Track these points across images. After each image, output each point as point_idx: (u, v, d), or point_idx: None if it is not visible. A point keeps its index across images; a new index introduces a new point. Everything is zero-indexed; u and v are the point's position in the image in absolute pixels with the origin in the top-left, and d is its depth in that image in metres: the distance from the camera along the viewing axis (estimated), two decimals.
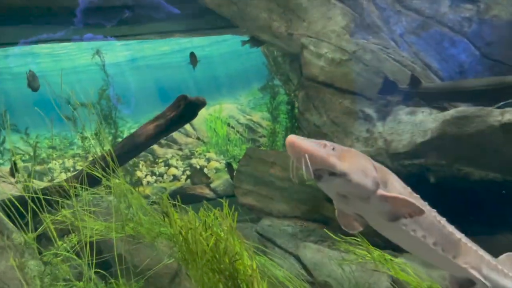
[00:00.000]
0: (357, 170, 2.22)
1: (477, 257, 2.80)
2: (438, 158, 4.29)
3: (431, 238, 2.54)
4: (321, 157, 2.16)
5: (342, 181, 2.20)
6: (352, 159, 2.26)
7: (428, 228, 2.53)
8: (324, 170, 2.19)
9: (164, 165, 9.63)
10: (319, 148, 2.20)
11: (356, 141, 4.93)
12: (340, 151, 2.25)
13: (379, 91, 5.00)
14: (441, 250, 2.60)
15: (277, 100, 8.61)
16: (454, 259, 2.67)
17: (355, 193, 2.28)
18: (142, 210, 4.11)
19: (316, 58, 5.42)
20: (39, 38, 7.35)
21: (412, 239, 2.50)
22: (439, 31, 5.78)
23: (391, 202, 2.30)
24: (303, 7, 5.70)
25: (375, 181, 2.27)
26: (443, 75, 5.68)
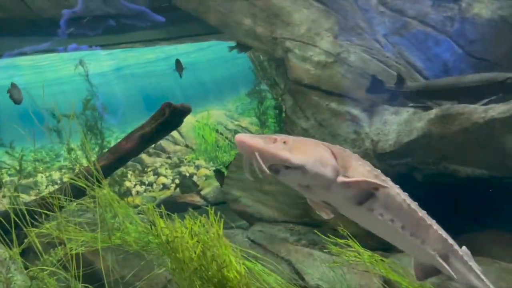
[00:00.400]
0: (313, 161, 2.18)
1: (447, 246, 2.77)
2: (425, 156, 4.31)
3: (399, 222, 2.50)
4: (272, 153, 2.12)
5: (299, 173, 2.17)
6: (307, 150, 2.22)
7: (396, 212, 2.49)
8: (279, 165, 2.16)
9: (153, 174, 9.55)
10: (269, 144, 2.15)
11: (344, 142, 4.93)
12: (292, 143, 2.20)
13: (366, 89, 5.01)
14: (410, 234, 2.56)
15: (264, 104, 8.60)
16: (423, 244, 2.63)
17: (315, 183, 2.25)
18: (129, 219, 4.05)
19: (302, 61, 5.43)
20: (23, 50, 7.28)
21: (380, 223, 2.46)
22: (422, 31, 5.83)
23: (354, 186, 2.28)
24: (287, 10, 5.70)
25: (334, 169, 2.24)
26: (427, 74, 5.72)
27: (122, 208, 3.98)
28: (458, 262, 2.85)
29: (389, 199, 2.47)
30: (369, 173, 2.42)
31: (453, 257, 2.82)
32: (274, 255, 5.06)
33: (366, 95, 5.05)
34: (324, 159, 2.22)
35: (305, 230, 5.33)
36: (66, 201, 4.04)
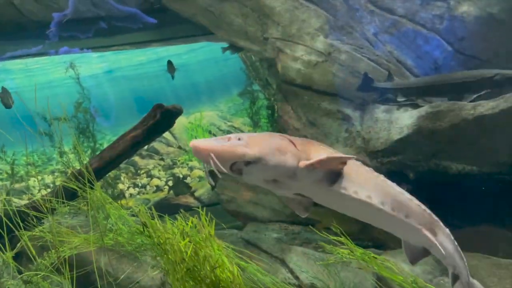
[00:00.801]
0: (271, 151, 2.16)
1: (432, 220, 2.68)
2: (416, 153, 4.34)
3: (378, 198, 2.41)
4: (227, 151, 2.10)
5: (260, 167, 2.14)
6: (263, 142, 2.20)
7: (371, 187, 2.42)
8: (239, 163, 2.14)
9: (146, 176, 9.52)
10: (223, 143, 2.14)
11: (336, 141, 4.95)
12: (247, 139, 2.19)
13: (358, 87, 5.03)
14: (391, 209, 2.47)
15: (257, 105, 8.60)
16: (407, 218, 2.53)
17: (280, 174, 2.22)
18: (122, 221, 4.04)
19: (293, 61, 5.44)
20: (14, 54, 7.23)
21: (358, 202, 2.38)
22: (412, 29, 5.87)
23: (318, 167, 2.22)
24: (277, 11, 5.72)
25: (295, 155, 2.21)
26: (418, 72, 5.75)
27: (114, 209, 3.97)
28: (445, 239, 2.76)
29: (360, 175, 2.41)
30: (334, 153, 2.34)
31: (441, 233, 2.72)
32: (268, 254, 5.07)
33: (358, 93, 5.08)
34: (282, 147, 2.20)
35: (299, 229, 5.36)
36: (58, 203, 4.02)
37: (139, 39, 7.73)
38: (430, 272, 3.90)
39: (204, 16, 6.33)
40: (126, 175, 9.31)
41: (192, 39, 8.27)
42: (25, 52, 7.21)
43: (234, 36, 6.36)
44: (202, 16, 6.36)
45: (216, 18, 6.23)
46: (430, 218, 2.65)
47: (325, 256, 4.47)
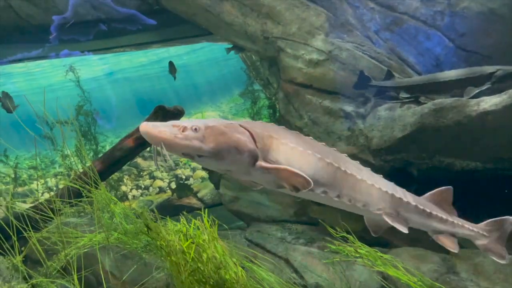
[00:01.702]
0: (227, 148, 2.08)
1: (394, 201, 2.68)
2: (419, 151, 4.32)
3: (334, 192, 2.41)
4: (180, 144, 2.01)
5: (213, 161, 2.10)
6: (221, 136, 2.09)
7: (328, 183, 2.38)
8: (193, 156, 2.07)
9: (149, 178, 9.52)
10: (177, 134, 2.02)
11: (338, 140, 4.93)
12: (204, 130, 2.08)
13: (354, 85, 5.02)
14: (348, 201, 2.48)
15: (258, 104, 8.59)
16: (365, 207, 2.56)
17: (233, 169, 2.18)
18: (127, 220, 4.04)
19: (294, 60, 5.43)
20: (15, 58, 7.23)
21: (313, 195, 2.38)
22: (413, 26, 5.84)
23: (273, 173, 2.17)
24: (277, 10, 5.70)
25: (252, 154, 2.14)
26: (420, 69, 5.73)
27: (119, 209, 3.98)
28: (412, 213, 2.78)
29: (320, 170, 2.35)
30: (293, 151, 2.28)
31: (404, 210, 2.74)
32: (273, 254, 5.06)
33: (354, 90, 5.06)
34: (240, 145, 2.11)
35: (303, 229, 5.34)
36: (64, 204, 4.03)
37: (139, 40, 7.73)
38: (436, 270, 3.88)
39: (204, 17, 6.32)
40: (129, 177, 9.31)
41: (192, 40, 8.26)
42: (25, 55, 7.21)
43: (234, 36, 6.35)
44: (202, 17, 6.34)
45: (216, 18, 6.21)
46: (391, 200, 2.67)
47: (329, 255, 4.45)
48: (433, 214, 2.88)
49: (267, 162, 2.19)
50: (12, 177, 7.54)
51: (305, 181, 2.19)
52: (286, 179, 2.19)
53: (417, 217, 2.82)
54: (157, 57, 14.96)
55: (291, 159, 2.24)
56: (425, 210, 2.85)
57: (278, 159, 2.21)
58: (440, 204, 3.01)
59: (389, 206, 2.66)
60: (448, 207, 3.05)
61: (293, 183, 2.20)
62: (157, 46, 8.87)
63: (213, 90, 16.88)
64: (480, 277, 3.14)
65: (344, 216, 3.20)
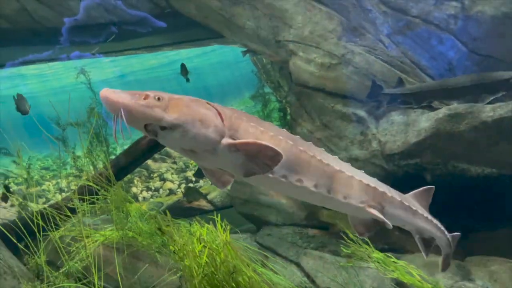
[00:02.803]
0: (192, 120, 1.95)
1: (377, 194, 2.54)
2: (433, 156, 4.28)
3: (310, 181, 2.24)
4: (141, 111, 1.87)
5: (177, 134, 1.94)
6: (185, 108, 1.97)
7: (303, 170, 2.23)
8: (154, 125, 1.93)
9: (159, 180, 9.56)
10: (139, 100, 1.90)
11: (351, 144, 4.92)
12: (168, 101, 1.96)
13: (367, 95, 4.98)
14: (327, 191, 2.31)
15: (269, 107, 8.58)
16: (346, 199, 2.39)
17: (199, 146, 2.02)
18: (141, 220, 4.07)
19: (306, 64, 5.43)
20: (26, 59, 7.31)
21: (286, 185, 2.21)
22: (426, 30, 5.81)
23: (242, 149, 2.02)
24: (289, 13, 5.70)
25: (219, 130, 2.01)
26: (432, 72, 5.70)
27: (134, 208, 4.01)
28: (397, 209, 2.65)
29: (293, 157, 2.21)
30: (263, 133, 2.16)
31: (389, 205, 2.60)
32: (284, 258, 5.06)
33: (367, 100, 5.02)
34: (206, 118, 2.00)
35: (314, 233, 5.33)
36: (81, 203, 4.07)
37: (150, 43, 7.77)
38: (451, 277, 3.85)
39: (216, 20, 6.34)
40: (139, 178, 9.35)
41: (203, 43, 8.28)
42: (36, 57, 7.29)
43: (246, 39, 6.36)
44: (214, 20, 6.37)
45: (228, 21, 6.23)
46: (374, 192, 2.53)
47: (341, 259, 4.44)
48: (418, 212, 2.76)
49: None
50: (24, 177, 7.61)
51: (275, 154, 2.02)
52: (256, 155, 2.04)
53: (403, 213, 2.69)
54: (168, 59, 15.01)
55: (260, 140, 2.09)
56: (410, 207, 2.72)
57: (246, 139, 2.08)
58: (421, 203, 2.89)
59: (372, 199, 2.51)
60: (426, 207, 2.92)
61: (264, 159, 2.05)
62: (168, 49, 8.92)
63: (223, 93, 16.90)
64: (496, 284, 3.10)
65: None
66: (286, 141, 2.22)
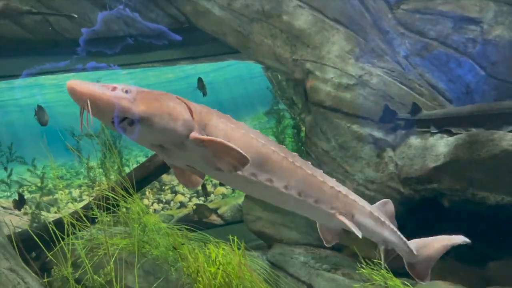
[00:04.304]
0: (160, 113, 1.91)
1: (348, 202, 2.52)
2: (452, 182, 4.23)
3: (281, 182, 2.20)
4: (107, 102, 1.83)
5: (144, 128, 1.90)
6: (153, 101, 1.95)
7: (273, 170, 2.19)
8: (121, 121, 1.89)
9: (170, 192, 9.57)
10: (105, 91, 1.86)
11: (367, 165, 4.88)
12: (136, 94, 1.93)
13: (380, 119, 4.96)
14: (297, 194, 2.28)
15: (282, 124, 8.59)
16: (317, 203, 2.35)
17: (167, 141, 2.00)
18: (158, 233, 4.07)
19: (322, 83, 5.44)
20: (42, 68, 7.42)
21: (256, 184, 2.16)
22: (444, 52, 5.80)
23: (208, 146, 1.99)
24: (307, 32, 5.73)
25: (187, 124, 1.98)
26: (450, 96, 5.67)
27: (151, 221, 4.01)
28: (367, 219, 2.63)
29: (264, 156, 2.19)
30: (234, 130, 2.14)
31: (359, 214, 2.58)
32: (295, 279, 5.00)
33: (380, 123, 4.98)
34: (175, 112, 1.97)
35: (326, 254, 5.27)
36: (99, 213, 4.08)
37: (167, 56, 7.85)
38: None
39: (234, 36, 6.40)
40: (151, 190, 9.38)
41: (219, 57, 8.36)
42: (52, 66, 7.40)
43: (263, 56, 6.40)
44: (232, 36, 6.42)
45: (245, 38, 6.28)
46: (345, 200, 2.51)
47: (354, 283, 4.37)
48: (386, 223, 2.74)
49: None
50: (38, 186, 7.68)
51: (242, 157, 1.99)
52: (221, 155, 2.01)
53: (372, 223, 2.67)
54: (184, 73, 15.11)
55: (230, 137, 2.09)
56: (379, 218, 2.71)
57: (216, 135, 2.06)
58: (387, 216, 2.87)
59: (343, 207, 2.48)
60: (392, 220, 2.90)
61: (230, 161, 2.02)
62: (184, 63, 9.01)
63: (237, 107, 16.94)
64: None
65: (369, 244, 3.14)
66: (257, 140, 2.20)
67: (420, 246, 2.93)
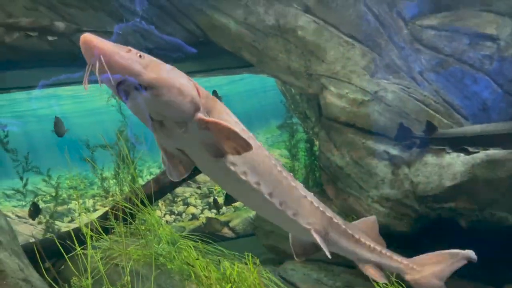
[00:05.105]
0: (170, 85, 1.86)
1: (324, 219, 2.51)
2: (469, 202, 4.17)
3: (267, 187, 2.20)
4: (119, 62, 1.77)
5: (151, 97, 1.83)
6: (165, 72, 1.90)
7: (263, 174, 2.18)
8: (129, 84, 1.82)
9: (182, 204, 9.59)
10: (120, 51, 1.81)
11: (382, 182, 4.84)
12: (150, 61, 1.89)
13: (395, 137, 4.92)
14: (279, 203, 2.27)
15: (295, 138, 8.58)
16: (295, 216, 2.35)
17: (170, 115, 1.91)
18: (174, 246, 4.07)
19: (337, 99, 5.43)
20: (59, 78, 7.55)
21: (243, 184, 2.13)
22: (460, 69, 5.77)
23: (212, 129, 1.94)
24: (322, 47, 5.76)
25: (194, 102, 1.92)
26: (466, 112, 5.62)
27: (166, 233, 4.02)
28: (341, 237, 2.62)
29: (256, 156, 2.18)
30: (237, 124, 2.13)
31: (334, 232, 2.58)
32: None
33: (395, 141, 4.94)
34: (185, 88, 1.92)
35: (339, 271, 5.21)
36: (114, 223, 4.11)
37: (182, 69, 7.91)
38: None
39: (248, 51, 6.45)
40: (163, 202, 9.41)
41: (233, 71, 8.42)
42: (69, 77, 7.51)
43: (277, 70, 6.43)
44: (246, 51, 6.47)
45: (260, 53, 6.33)
46: (322, 217, 2.51)
47: None
48: (361, 241, 2.72)
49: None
50: (53, 195, 7.76)
51: (246, 144, 1.98)
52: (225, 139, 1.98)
53: (346, 241, 2.67)
54: None
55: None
56: (353, 236, 2.69)
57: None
58: (368, 234, 2.84)
59: (319, 223, 2.48)
60: (376, 237, 2.88)
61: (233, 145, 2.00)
62: (199, 76, 9.09)
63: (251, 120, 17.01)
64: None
65: None
66: (254, 140, 2.20)
67: (424, 261, 2.87)
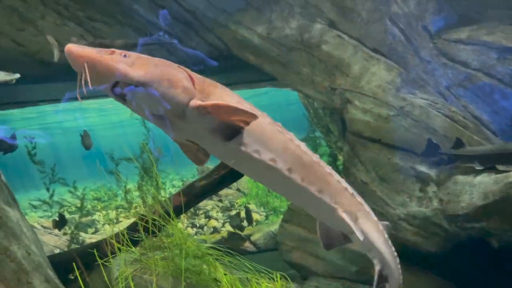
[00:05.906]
0: (159, 79, 1.86)
1: (353, 202, 2.29)
2: (502, 222, 4.03)
3: (284, 163, 2.07)
4: (105, 65, 1.78)
5: (143, 94, 1.83)
6: (152, 66, 1.90)
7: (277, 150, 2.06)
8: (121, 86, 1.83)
9: (204, 217, 9.61)
10: (103, 54, 1.80)
11: (409, 200, 4.74)
12: (135, 58, 1.88)
13: (423, 153, 4.82)
14: (300, 179, 2.11)
15: (318, 152, 8.53)
16: (320, 193, 2.17)
17: (167, 109, 1.90)
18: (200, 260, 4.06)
19: (362, 113, 5.38)
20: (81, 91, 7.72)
21: (259, 163, 2.03)
22: (488, 83, 5.65)
23: (213, 112, 1.90)
24: (346, 62, 5.72)
25: (187, 91, 1.91)
26: (494, 127, 5.49)
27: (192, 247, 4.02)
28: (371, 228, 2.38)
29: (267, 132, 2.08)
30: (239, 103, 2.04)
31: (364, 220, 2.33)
32: None
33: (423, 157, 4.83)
34: (174, 79, 1.91)
35: None
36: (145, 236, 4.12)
37: None
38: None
39: (271, 65, 6.46)
40: (185, 214, 9.46)
41: (257, 84, 8.45)
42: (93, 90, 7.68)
43: (300, 84, 6.42)
44: (270, 65, 6.49)
45: (283, 67, 6.33)
46: (351, 199, 2.30)
47: None
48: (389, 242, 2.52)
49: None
50: (78, 207, 7.90)
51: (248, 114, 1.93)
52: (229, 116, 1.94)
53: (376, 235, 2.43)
54: None
55: None
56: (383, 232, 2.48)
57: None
58: None
59: (348, 205, 2.28)
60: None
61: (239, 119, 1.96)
62: None
63: None
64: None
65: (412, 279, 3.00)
66: (264, 116, 2.12)
67: None
